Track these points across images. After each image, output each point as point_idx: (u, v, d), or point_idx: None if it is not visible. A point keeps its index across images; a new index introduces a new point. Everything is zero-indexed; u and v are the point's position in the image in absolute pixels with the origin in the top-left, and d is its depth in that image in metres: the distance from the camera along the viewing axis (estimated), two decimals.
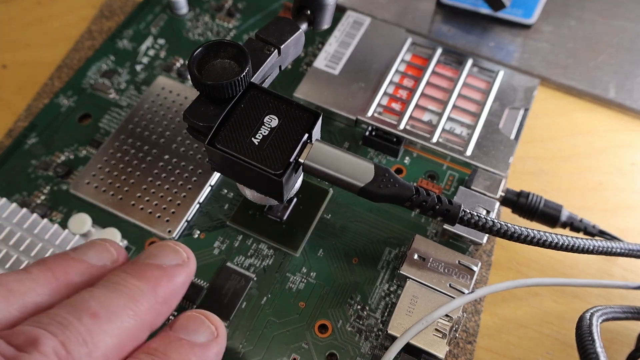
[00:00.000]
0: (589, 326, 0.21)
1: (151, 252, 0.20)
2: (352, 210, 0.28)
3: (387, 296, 0.26)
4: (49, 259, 0.19)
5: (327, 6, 0.26)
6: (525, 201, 0.27)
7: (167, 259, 0.20)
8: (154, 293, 0.18)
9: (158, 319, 0.19)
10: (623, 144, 0.32)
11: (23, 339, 0.16)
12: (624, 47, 0.34)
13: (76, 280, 0.19)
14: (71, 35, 0.35)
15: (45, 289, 0.18)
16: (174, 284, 0.19)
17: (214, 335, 0.19)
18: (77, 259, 0.19)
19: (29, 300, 0.17)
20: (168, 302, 0.19)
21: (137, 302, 0.18)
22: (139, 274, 0.19)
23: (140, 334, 0.18)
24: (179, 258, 0.20)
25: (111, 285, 0.18)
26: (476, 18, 0.35)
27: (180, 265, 0.20)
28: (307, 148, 0.22)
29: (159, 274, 0.19)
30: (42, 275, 0.18)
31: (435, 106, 0.31)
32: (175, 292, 0.19)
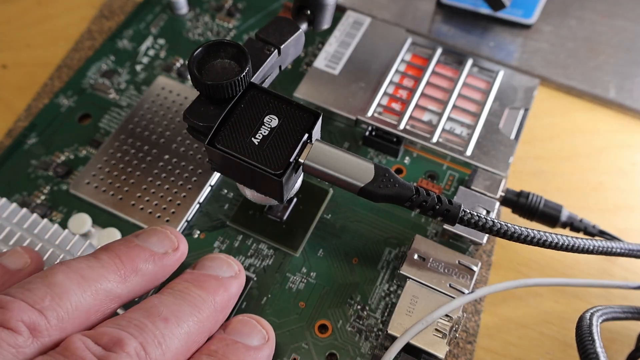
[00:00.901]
0: (589, 326, 0.21)
1: (207, 264, 0.22)
2: (352, 210, 0.28)
3: (387, 296, 0.26)
4: (115, 245, 0.21)
5: (327, 6, 0.26)
6: (525, 201, 0.27)
7: (221, 270, 0.22)
8: (214, 301, 0.20)
9: (216, 325, 0.21)
10: (623, 144, 0.32)
11: (107, 339, 0.17)
12: (624, 47, 0.34)
13: (141, 267, 0.20)
14: (71, 35, 0.35)
15: (115, 275, 0.19)
16: (229, 294, 0.21)
17: (266, 339, 0.21)
18: (142, 246, 0.21)
19: (100, 287, 0.19)
20: (224, 310, 0.21)
21: (200, 310, 0.20)
22: (199, 284, 0.20)
23: (201, 338, 0.20)
24: (232, 270, 0.22)
25: (177, 293, 0.20)
26: (476, 18, 0.35)
27: (233, 277, 0.22)
28: (307, 148, 0.22)
29: (216, 284, 0.21)
30: (111, 262, 0.20)
31: (435, 106, 0.31)
32: (230, 301, 0.21)
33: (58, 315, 0.17)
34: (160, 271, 0.21)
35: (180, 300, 0.20)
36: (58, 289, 0.18)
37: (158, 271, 0.21)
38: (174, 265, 0.21)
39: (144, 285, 0.20)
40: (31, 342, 0.16)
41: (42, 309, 0.17)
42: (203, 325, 0.20)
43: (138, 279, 0.20)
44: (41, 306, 0.17)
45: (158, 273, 0.21)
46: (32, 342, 0.16)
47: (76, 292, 0.18)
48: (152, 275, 0.20)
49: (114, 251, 0.20)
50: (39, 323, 0.17)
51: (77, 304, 0.18)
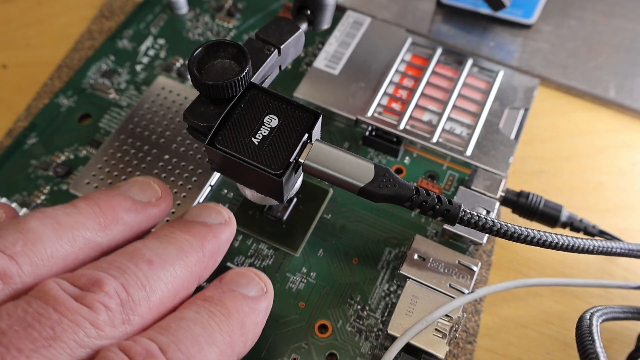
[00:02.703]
0: (589, 326, 0.21)
1: (194, 212, 0.21)
2: (352, 210, 0.28)
3: (387, 296, 0.26)
4: (95, 194, 0.20)
5: (327, 6, 0.26)
6: (525, 201, 0.27)
7: (210, 217, 0.21)
8: (202, 247, 0.19)
9: (205, 272, 0.20)
10: (623, 144, 0.32)
11: (85, 280, 0.16)
12: (624, 47, 0.34)
13: (123, 217, 0.19)
14: (71, 35, 0.35)
15: (93, 223, 0.18)
16: (218, 240, 0.20)
17: (264, 291, 0.20)
18: (123, 195, 0.20)
19: (78, 234, 0.18)
20: (214, 257, 0.20)
21: (187, 254, 0.19)
22: (186, 229, 0.19)
23: (190, 284, 0.19)
24: (222, 217, 0.21)
25: (162, 237, 0.19)
26: (476, 18, 0.35)
27: (223, 224, 0.21)
28: (307, 148, 0.22)
29: (204, 230, 0.20)
30: (90, 210, 0.19)
31: (435, 106, 0.31)
32: (220, 248, 0.20)
33: (31, 262, 0.16)
34: (144, 221, 0.20)
35: (165, 244, 0.19)
36: (31, 235, 0.17)
37: (141, 221, 0.20)
38: (158, 215, 0.21)
39: (127, 234, 0.19)
40: (1, 287, 0.16)
41: (13, 254, 0.16)
42: (191, 271, 0.19)
43: (120, 227, 0.19)
44: (12, 252, 0.16)
45: (141, 223, 0.20)
46: (2, 287, 0.16)
47: (51, 238, 0.17)
48: (134, 224, 0.20)
49: (93, 199, 0.19)
50: (10, 269, 0.16)
51: (53, 250, 0.17)
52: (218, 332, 0.17)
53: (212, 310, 0.18)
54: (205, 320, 0.17)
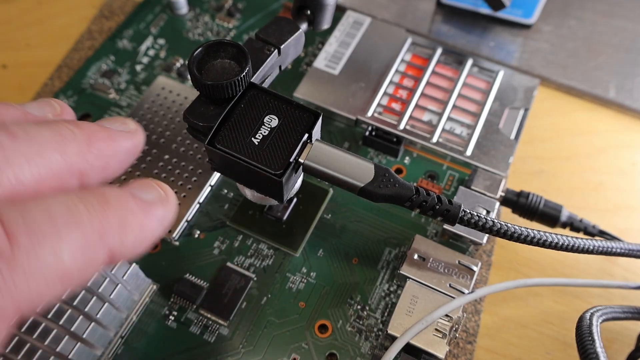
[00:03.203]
0: (589, 326, 0.21)
1: (98, 121, 0.18)
2: (352, 210, 0.28)
3: (387, 296, 0.26)
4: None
5: (327, 6, 0.26)
6: (525, 201, 0.27)
7: (111, 124, 0.18)
8: (87, 142, 0.17)
9: (90, 171, 0.17)
10: (623, 144, 0.32)
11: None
12: (624, 47, 0.34)
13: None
14: (71, 35, 0.35)
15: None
16: (113, 143, 0.18)
17: (161, 198, 0.18)
18: (16, 106, 0.18)
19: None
20: (103, 158, 0.17)
21: (66, 140, 0.16)
22: (76, 123, 0.17)
23: (65, 175, 0.16)
24: (126, 127, 0.19)
25: (42, 123, 0.16)
26: (476, 18, 0.35)
27: (125, 132, 0.18)
28: (307, 148, 0.22)
29: (97, 128, 0.17)
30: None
31: (435, 106, 0.31)
32: (114, 152, 0.18)
33: None
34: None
35: (43, 127, 0.16)
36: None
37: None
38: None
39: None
40: None
41: None
42: (67, 159, 0.16)
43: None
44: None
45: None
46: None
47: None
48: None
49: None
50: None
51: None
52: (85, 216, 0.15)
53: (86, 197, 0.15)
54: (72, 202, 0.15)
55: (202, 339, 0.25)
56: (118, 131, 0.18)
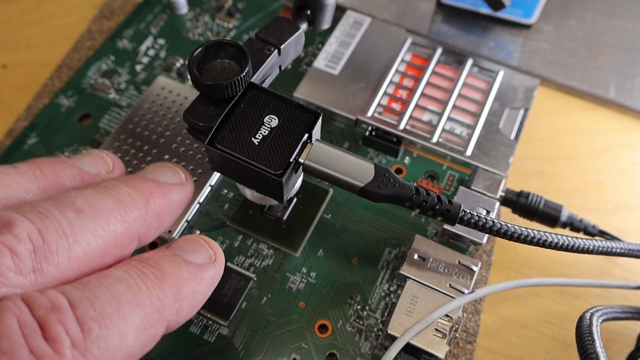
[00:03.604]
0: (589, 326, 0.21)
1: (148, 169, 0.19)
2: (352, 210, 0.28)
3: (387, 296, 0.26)
4: (40, 159, 0.18)
5: (327, 6, 0.26)
6: (525, 201, 0.27)
7: (164, 177, 0.19)
8: (145, 204, 0.17)
9: (148, 232, 0.18)
10: (623, 144, 0.32)
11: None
12: (624, 47, 0.34)
13: (67, 184, 0.18)
14: (71, 35, 0.35)
15: (31, 185, 0.17)
16: (167, 200, 0.18)
17: (211, 259, 0.18)
18: (70, 163, 0.19)
19: (11, 193, 0.16)
20: (159, 217, 0.18)
21: (126, 208, 0.17)
22: (132, 184, 0.18)
23: (126, 242, 0.17)
24: (177, 178, 0.19)
25: (101, 189, 0.17)
26: (476, 18, 0.35)
27: (177, 184, 0.19)
28: (307, 148, 0.22)
29: (153, 187, 0.18)
30: (30, 172, 0.17)
31: (435, 106, 0.31)
32: (169, 209, 0.19)
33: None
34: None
35: (103, 194, 0.16)
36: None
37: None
38: None
39: None
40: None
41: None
42: (129, 227, 0.17)
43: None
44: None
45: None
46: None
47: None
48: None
49: (36, 163, 0.18)
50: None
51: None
52: (146, 294, 0.15)
53: (144, 271, 0.16)
54: (133, 280, 0.15)
55: (202, 339, 0.25)
56: (171, 185, 0.19)
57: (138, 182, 0.18)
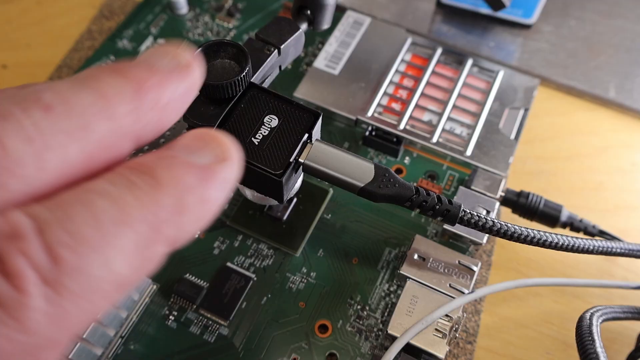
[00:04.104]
0: (589, 326, 0.21)
1: (143, 55, 0.15)
2: (352, 210, 0.28)
3: (387, 296, 0.26)
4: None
5: (327, 6, 0.26)
6: (525, 201, 0.27)
7: (162, 62, 0.15)
8: (137, 95, 0.14)
9: (145, 130, 0.15)
10: (623, 144, 0.32)
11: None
12: (624, 47, 0.34)
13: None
14: (71, 35, 0.35)
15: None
16: (166, 90, 0.15)
17: (221, 158, 0.15)
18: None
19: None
20: (158, 111, 0.15)
21: (111, 100, 0.13)
22: (118, 71, 0.14)
23: (118, 143, 0.14)
24: (177, 62, 0.15)
25: (77, 79, 0.13)
26: (476, 18, 0.35)
27: (177, 69, 0.15)
28: (307, 148, 0.22)
29: (146, 73, 0.14)
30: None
31: (435, 106, 0.31)
32: (169, 100, 0.15)
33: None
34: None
35: (80, 87, 0.13)
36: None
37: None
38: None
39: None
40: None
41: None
42: (117, 124, 0.13)
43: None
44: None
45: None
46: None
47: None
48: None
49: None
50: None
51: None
52: (135, 208, 0.12)
53: (133, 180, 0.13)
54: (118, 192, 0.12)
55: (202, 339, 0.25)
56: (169, 71, 0.15)
57: (126, 69, 0.14)
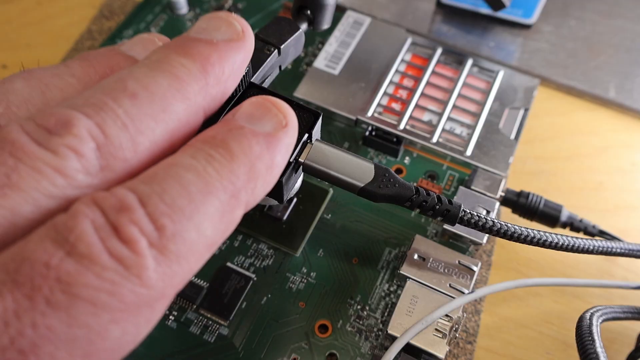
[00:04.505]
0: (589, 326, 0.21)
1: (199, 26, 0.17)
2: (352, 210, 0.28)
3: (387, 296, 0.26)
4: (91, 54, 0.17)
5: (327, 6, 0.26)
6: (525, 201, 0.27)
7: (219, 33, 0.17)
8: (204, 72, 0.16)
9: (212, 103, 0.17)
10: (623, 144, 0.32)
11: (55, 121, 0.14)
12: (624, 47, 0.34)
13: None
14: (71, 35, 0.35)
15: (86, 86, 0.16)
16: (227, 63, 0.16)
17: (282, 125, 0.16)
18: (123, 54, 0.17)
19: (68, 97, 0.16)
20: (222, 84, 0.17)
21: (184, 82, 0.15)
22: (184, 51, 0.16)
23: (192, 119, 0.16)
24: (233, 31, 0.17)
25: (152, 64, 0.15)
26: (476, 18, 0.35)
27: (234, 39, 0.17)
28: (307, 148, 0.22)
29: (208, 49, 0.16)
30: (83, 72, 0.16)
31: (436, 106, 0.31)
32: (230, 73, 0.17)
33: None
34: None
35: (156, 71, 0.15)
36: (14, 97, 0.15)
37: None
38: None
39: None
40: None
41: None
42: (191, 103, 0.15)
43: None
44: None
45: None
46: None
47: (37, 103, 0.15)
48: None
49: (88, 59, 0.17)
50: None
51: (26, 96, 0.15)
52: (217, 179, 0.14)
53: (211, 154, 0.15)
54: (201, 165, 0.14)
55: (202, 339, 0.25)
56: (227, 43, 0.17)
57: (190, 47, 0.16)
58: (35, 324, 0.12)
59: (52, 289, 0.12)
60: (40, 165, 0.13)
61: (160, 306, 0.14)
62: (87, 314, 0.12)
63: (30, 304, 0.12)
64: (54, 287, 0.12)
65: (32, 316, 0.12)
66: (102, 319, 0.12)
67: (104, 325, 0.12)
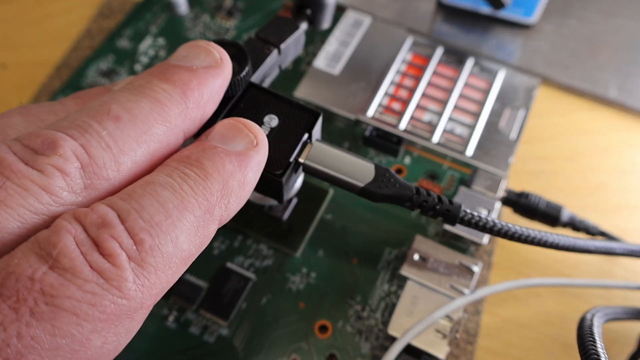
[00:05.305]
0: (590, 327, 0.21)
1: (180, 54, 0.18)
2: (352, 210, 0.28)
3: (387, 297, 0.26)
4: (85, 93, 0.18)
5: (327, 5, 0.26)
6: (525, 201, 0.27)
7: (198, 60, 0.18)
8: (184, 97, 0.17)
9: (192, 125, 0.17)
10: (624, 143, 0.32)
11: (40, 141, 0.14)
12: (625, 46, 0.34)
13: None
14: (70, 35, 0.35)
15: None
16: (207, 88, 0.18)
17: (253, 144, 0.18)
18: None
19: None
20: (200, 108, 0.17)
21: (164, 106, 0.16)
22: (165, 77, 0.17)
23: (172, 140, 0.17)
24: (212, 59, 0.18)
25: (135, 89, 0.16)
26: (477, 17, 0.35)
27: (212, 66, 0.18)
28: (307, 148, 0.22)
29: (188, 76, 0.17)
30: (77, 109, 0.17)
31: (436, 106, 0.31)
32: (209, 97, 0.18)
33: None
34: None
35: (138, 96, 0.16)
36: (11, 131, 0.16)
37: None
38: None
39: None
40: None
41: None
42: (171, 126, 0.16)
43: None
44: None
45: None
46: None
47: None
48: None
49: (81, 97, 0.18)
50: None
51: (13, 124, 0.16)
52: (192, 196, 0.15)
53: (186, 172, 0.16)
54: (176, 183, 0.15)
55: (202, 339, 0.25)
56: (206, 70, 0.18)
57: (171, 73, 0.17)
58: (21, 334, 0.12)
59: (36, 300, 0.13)
60: (27, 183, 0.14)
61: (139, 316, 0.15)
62: (70, 324, 0.13)
63: (16, 315, 0.12)
64: (38, 299, 0.13)
65: (17, 327, 0.12)
66: (84, 329, 0.13)
67: (86, 335, 0.13)
